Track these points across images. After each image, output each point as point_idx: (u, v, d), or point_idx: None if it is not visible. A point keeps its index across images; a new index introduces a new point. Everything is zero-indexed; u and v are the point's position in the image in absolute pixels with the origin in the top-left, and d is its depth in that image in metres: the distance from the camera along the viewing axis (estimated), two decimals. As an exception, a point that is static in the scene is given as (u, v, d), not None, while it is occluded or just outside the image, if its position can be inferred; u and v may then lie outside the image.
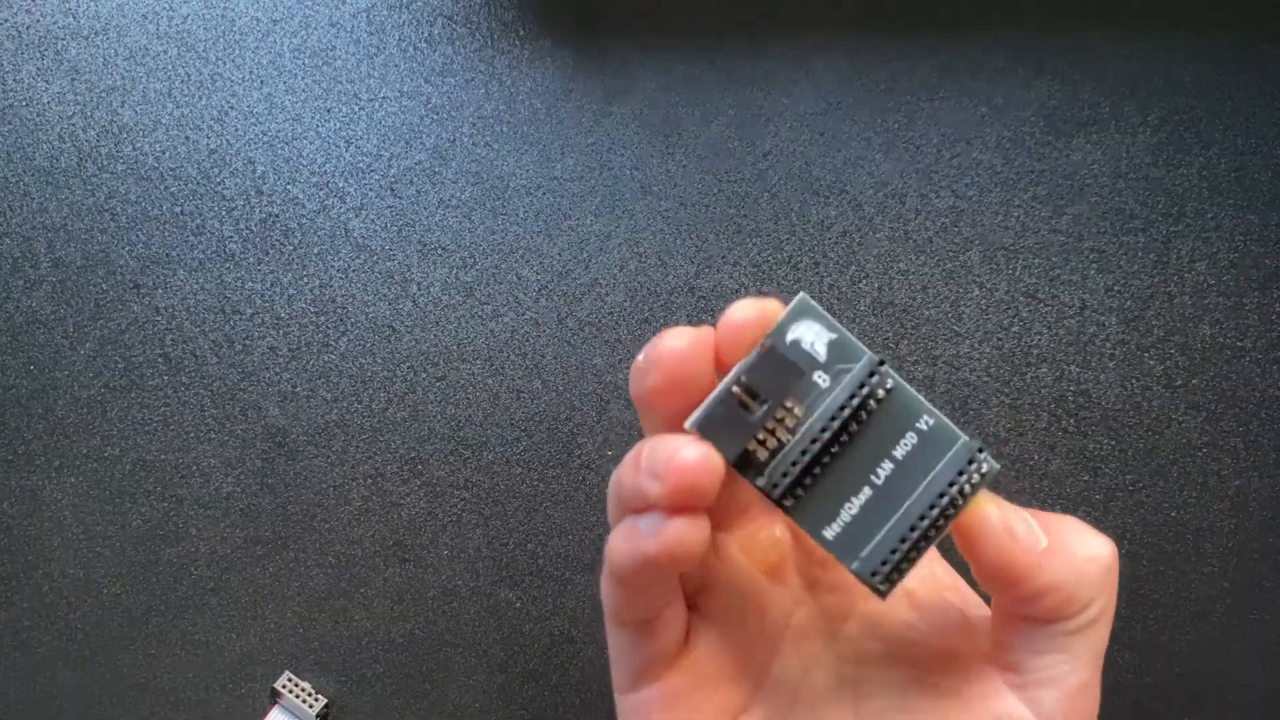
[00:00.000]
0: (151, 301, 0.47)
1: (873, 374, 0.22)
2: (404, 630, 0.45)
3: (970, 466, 0.22)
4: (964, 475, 0.22)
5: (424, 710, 0.45)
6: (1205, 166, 0.44)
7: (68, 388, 0.47)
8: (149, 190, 0.48)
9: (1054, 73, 0.45)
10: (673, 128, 0.46)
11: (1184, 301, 0.44)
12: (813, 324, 0.22)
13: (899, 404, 0.22)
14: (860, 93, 0.46)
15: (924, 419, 0.22)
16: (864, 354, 0.22)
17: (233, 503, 0.46)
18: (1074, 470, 0.43)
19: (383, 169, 0.47)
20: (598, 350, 0.45)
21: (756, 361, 0.22)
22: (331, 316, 0.47)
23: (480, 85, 0.47)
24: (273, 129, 0.48)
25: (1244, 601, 0.42)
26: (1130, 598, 0.43)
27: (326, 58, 0.48)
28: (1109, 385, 0.43)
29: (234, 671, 0.46)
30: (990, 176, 0.45)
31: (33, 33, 0.49)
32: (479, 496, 0.45)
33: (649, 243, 0.46)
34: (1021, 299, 0.44)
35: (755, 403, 0.22)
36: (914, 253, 0.45)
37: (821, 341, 0.22)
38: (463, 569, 0.45)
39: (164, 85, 0.49)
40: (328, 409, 0.46)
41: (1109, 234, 0.44)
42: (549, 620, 0.45)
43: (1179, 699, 0.42)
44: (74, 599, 0.47)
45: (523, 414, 0.46)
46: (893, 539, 0.22)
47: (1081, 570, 0.22)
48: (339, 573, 0.46)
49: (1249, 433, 0.43)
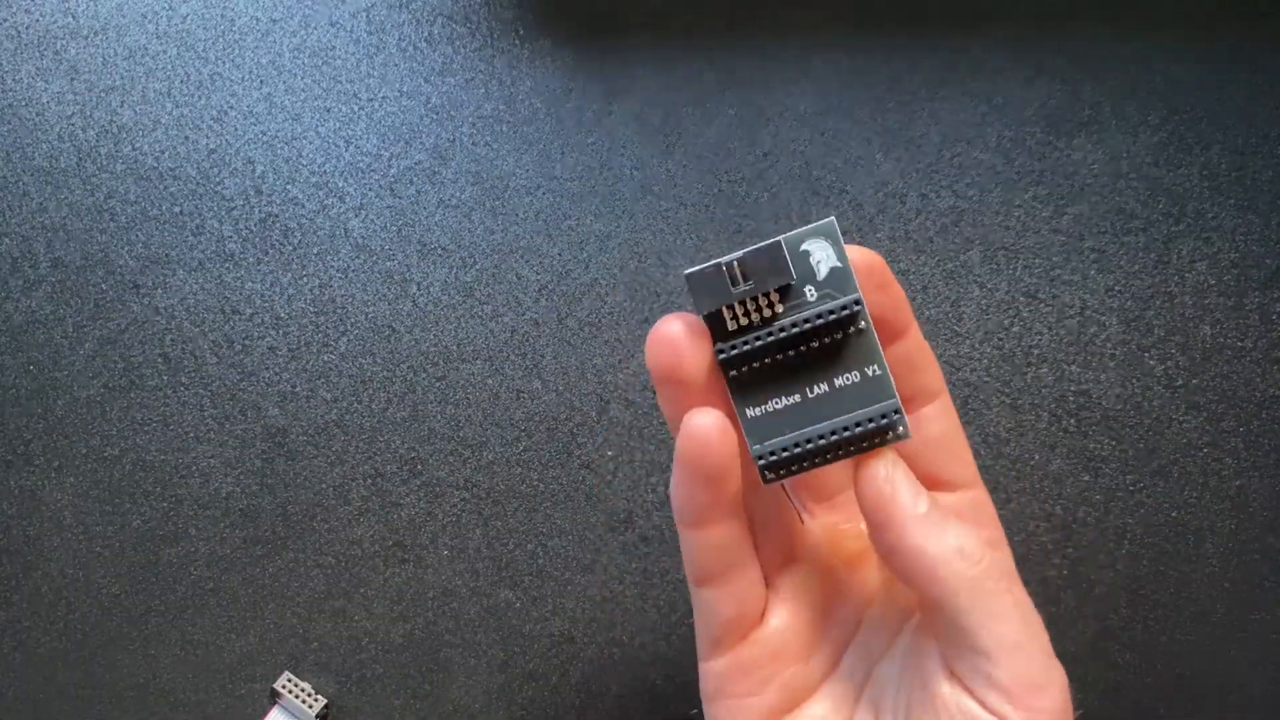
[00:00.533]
0: (151, 301, 0.47)
1: (851, 310, 0.24)
2: (404, 630, 0.45)
3: (884, 422, 0.25)
4: (874, 425, 0.25)
5: (424, 710, 0.45)
6: (1206, 166, 0.44)
7: (67, 388, 0.47)
8: (148, 190, 0.48)
9: (1054, 73, 0.45)
10: (673, 128, 0.46)
11: (1185, 302, 0.44)
12: (827, 246, 0.24)
13: (860, 345, 0.25)
14: (860, 93, 0.46)
15: (873, 367, 0.25)
16: (855, 291, 0.24)
17: (232, 503, 0.46)
18: (1074, 470, 0.43)
19: (382, 169, 0.47)
20: (598, 350, 0.45)
21: (762, 249, 0.24)
22: (331, 316, 0.47)
23: (480, 85, 0.47)
24: (272, 129, 0.48)
25: (1245, 602, 0.42)
26: (1130, 598, 0.43)
27: (326, 57, 0.48)
28: (1109, 385, 0.43)
29: (233, 671, 0.46)
30: (991, 176, 0.45)
31: (32, 32, 0.49)
32: (479, 496, 0.45)
33: (649, 243, 0.46)
34: (1022, 299, 0.44)
35: (744, 282, 0.24)
36: (914, 253, 0.45)
37: (826, 264, 0.25)
38: (463, 569, 0.45)
39: (163, 85, 0.49)
40: (327, 409, 0.46)
41: (1109, 234, 0.44)
42: (549, 620, 0.45)
43: (1179, 699, 0.42)
44: (73, 599, 0.47)
45: (523, 414, 0.46)
46: (794, 444, 0.25)
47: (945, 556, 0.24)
48: (339, 573, 0.46)
49: (1250, 433, 0.43)
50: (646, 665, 0.44)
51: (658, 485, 0.45)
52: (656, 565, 0.45)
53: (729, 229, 0.45)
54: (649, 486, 0.45)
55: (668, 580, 0.44)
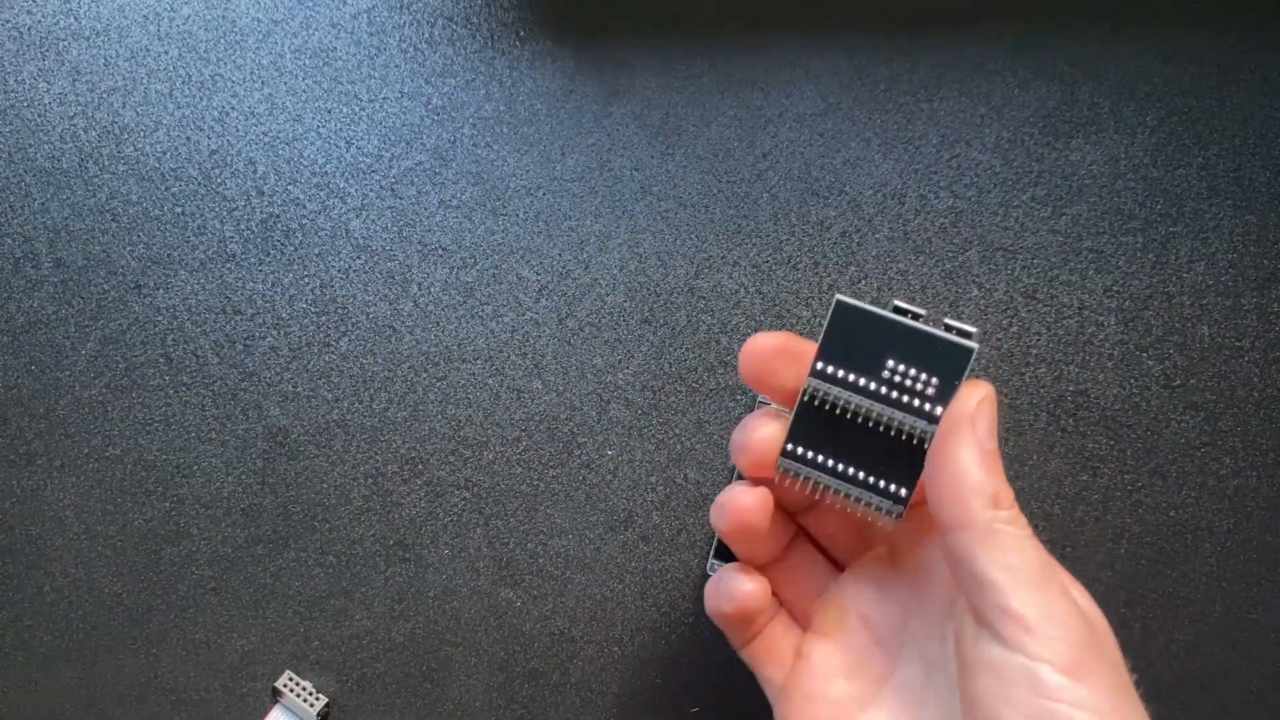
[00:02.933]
0: (153, 302, 0.48)
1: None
2: (405, 629, 0.45)
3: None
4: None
5: (425, 709, 0.45)
6: (1204, 167, 0.44)
7: (69, 388, 0.47)
8: (150, 191, 0.48)
9: (1053, 73, 0.45)
10: (673, 128, 0.46)
11: (1182, 302, 0.44)
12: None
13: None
14: (860, 93, 0.46)
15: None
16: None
17: (234, 502, 0.46)
18: (1073, 470, 0.43)
19: (383, 169, 0.47)
20: (598, 350, 0.46)
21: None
22: (332, 316, 0.47)
23: (481, 86, 0.47)
24: (273, 130, 0.48)
25: (1243, 601, 0.42)
26: (1128, 598, 0.43)
27: (327, 58, 0.48)
28: (1107, 385, 0.44)
29: (235, 670, 0.46)
30: (989, 177, 0.45)
31: (34, 33, 0.49)
32: (479, 496, 0.45)
33: (649, 243, 0.46)
34: (1020, 299, 0.44)
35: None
36: (913, 253, 0.45)
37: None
38: (463, 568, 0.45)
39: (165, 86, 0.49)
40: (328, 409, 0.46)
41: (1107, 234, 0.44)
42: (549, 619, 0.45)
43: (1178, 699, 0.42)
44: (75, 598, 0.47)
45: (523, 414, 0.46)
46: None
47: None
48: (340, 572, 0.46)
49: (1247, 432, 0.43)
50: (646, 664, 0.44)
51: (657, 485, 0.45)
52: (656, 564, 0.45)
53: (729, 229, 0.45)
54: (649, 486, 0.45)
55: (668, 579, 0.45)
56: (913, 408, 0.27)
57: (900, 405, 0.27)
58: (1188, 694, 0.42)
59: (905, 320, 0.26)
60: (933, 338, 0.26)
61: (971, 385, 0.28)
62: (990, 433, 0.28)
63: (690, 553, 0.45)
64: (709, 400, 0.45)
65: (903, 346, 0.26)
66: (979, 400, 0.28)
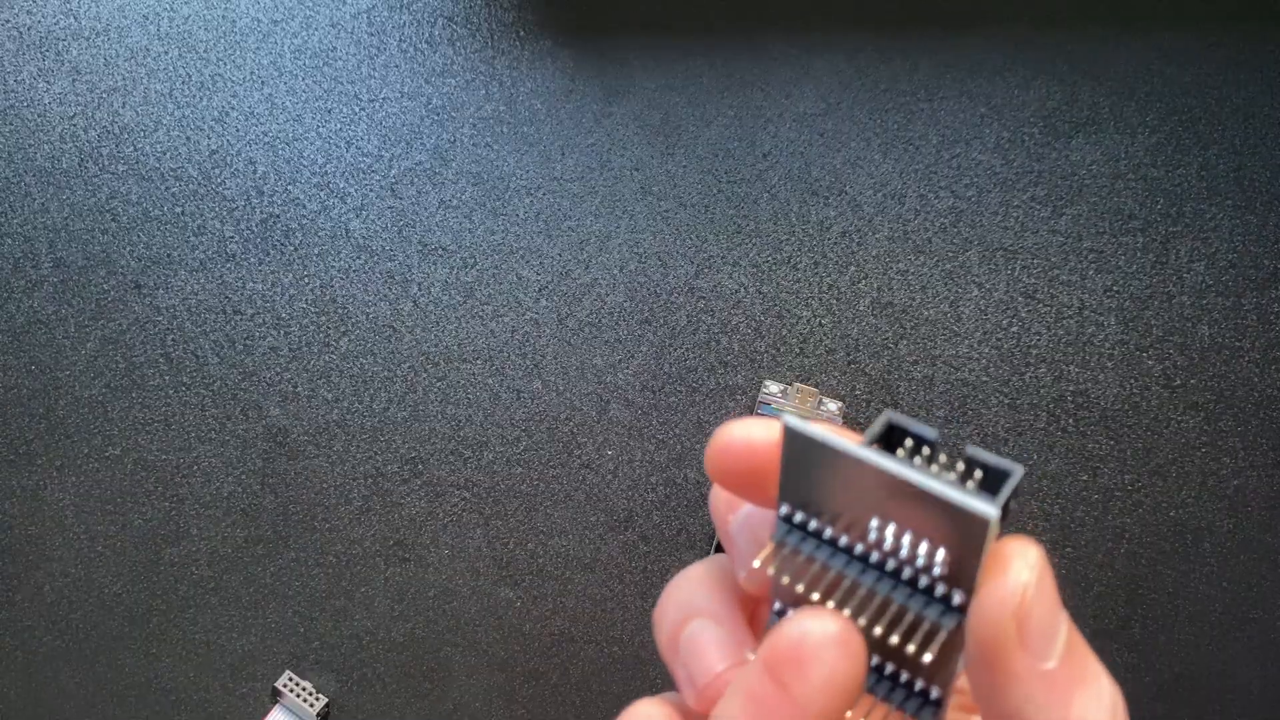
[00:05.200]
0: (153, 301, 0.48)
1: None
2: (404, 629, 0.45)
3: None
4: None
5: (424, 709, 0.45)
6: (1204, 167, 0.44)
7: (69, 388, 0.47)
8: (150, 190, 0.48)
9: (1053, 73, 0.45)
10: (673, 128, 0.46)
11: (1182, 301, 0.44)
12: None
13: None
14: (860, 93, 0.46)
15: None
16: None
17: (234, 502, 0.46)
18: (1073, 470, 0.43)
19: (383, 169, 0.47)
20: (598, 350, 0.46)
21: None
22: (332, 316, 0.47)
23: (481, 86, 0.47)
24: (273, 130, 0.48)
25: (1242, 600, 0.42)
26: (1129, 597, 0.43)
27: (327, 59, 0.48)
28: (1108, 385, 0.44)
29: (235, 670, 0.46)
30: (989, 177, 0.45)
31: (34, 33, 0.49)
32: (479, 496, 0.46)
33: (649, 243, 0.46)
34: (1020, 299, 0.44)
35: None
36: (913, 253, 0.45)
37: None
38: (463, 568, 0.45)
39: (165, 86, 0.49)
40: (328, 409, 0.46)
41: (1108, 234, 0.44)
42: (549, 619, 0.45)
43: (1177, 698, 0.42)
44: (75, 598, 0.47)
45: (523, 414, 0.46)
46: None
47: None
48: (339, 572, 0.46)
49: (1247, 432, 0.43)
50: (646, 664, 0.44)
51: (657, 485, 0.45)
52: (656, 564, 0.45)
53: (729, 229, 0.45)
54: (649, 486, 0.45)
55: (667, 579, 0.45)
56: (920, 587, 0.16)
57: (901, 581, 0.17)
58: (1188, 694, 0.42)
59: (884, 463, 0.15)
60: (925, 495, 0.15)
61: (1005, 560, 0.16)
62: (1046, 634, 0.17)
63: (690, 553, 0.45)
64: (709, 400, 0.45)
65: (888, 499, 0.16)
66: (1023, 586, 0.16)
